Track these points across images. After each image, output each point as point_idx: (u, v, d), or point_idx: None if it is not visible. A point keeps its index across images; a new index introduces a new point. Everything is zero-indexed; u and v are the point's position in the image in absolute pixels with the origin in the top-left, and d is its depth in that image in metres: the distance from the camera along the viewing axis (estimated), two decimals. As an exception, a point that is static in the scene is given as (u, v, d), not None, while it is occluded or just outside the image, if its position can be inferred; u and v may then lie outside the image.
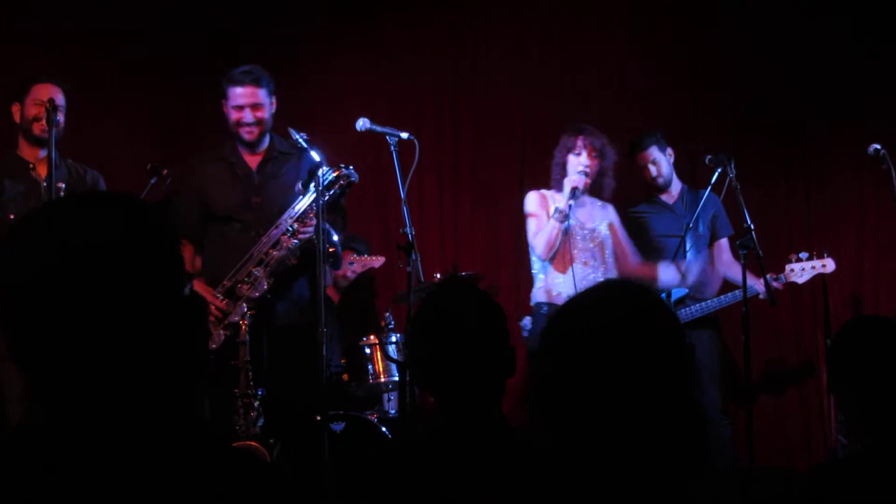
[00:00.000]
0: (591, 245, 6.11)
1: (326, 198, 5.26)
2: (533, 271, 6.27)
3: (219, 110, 5.78)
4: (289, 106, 6.01)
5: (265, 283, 5.42)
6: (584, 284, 5.84)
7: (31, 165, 5.51)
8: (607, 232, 6.21)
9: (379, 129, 5.53)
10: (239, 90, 5.64)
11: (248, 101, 5.63)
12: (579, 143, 6.11)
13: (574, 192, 5.99)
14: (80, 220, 1.55)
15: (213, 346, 5.33)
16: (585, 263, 6.05)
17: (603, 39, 8.02)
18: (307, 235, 5.32)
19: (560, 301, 5.76)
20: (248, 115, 5.62)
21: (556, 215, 6.01)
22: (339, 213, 5.66)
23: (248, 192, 5.61)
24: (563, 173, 6.15)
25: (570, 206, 5.99)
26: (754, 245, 5.81)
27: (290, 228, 5.39)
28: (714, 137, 7.34)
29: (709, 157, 6.14)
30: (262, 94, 5.65)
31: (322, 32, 8.19)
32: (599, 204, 6.29)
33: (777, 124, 7.85)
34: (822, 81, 7.75)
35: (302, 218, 5.38)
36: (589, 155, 6.09)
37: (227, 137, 5.78)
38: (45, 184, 5.29)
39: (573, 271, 5.99)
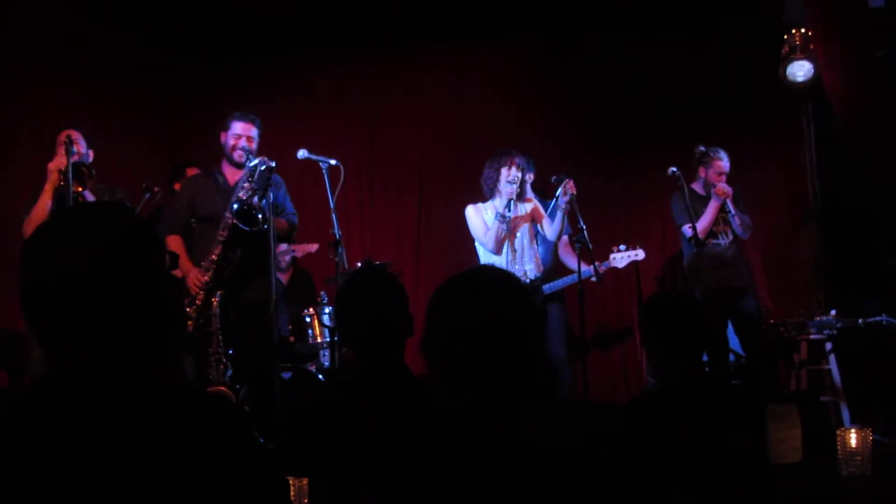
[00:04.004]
0: (517, 236, 6.06)
1: (256, 176, 5.27)
2: (479, 254, 6.16)
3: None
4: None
5: (216, 255, 5.33)
6: (512, 266, 5.89)
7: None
8: (526, 226, 6.08)
9: (314, 157, 5.49)
10: (241, 124, 5.57)
11: (245, 133, 5.56)
12: (509, 161, 5.98)
13: (510, 202, 5.96)
14: (84, 225, 1.52)
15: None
16: (514, 250, 6.03)
17: (483, 91, 8.05)
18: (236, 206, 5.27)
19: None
20: (243, 143, 5.55)
21: (500, 219, 5.93)
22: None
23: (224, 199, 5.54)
24: (495, 184, 6.02)
25: (508, 212, 5.95)
26: (586, 240, 5.84)
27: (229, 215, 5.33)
28: (559, 162, 7.39)
29: (554, 177, 6.13)
30: (255, 131, 5.59)
31: (267, 81, 8.15)
32: (521, 204, 6.14)
33: (605, 151, 7.93)
34: (637, 120, 7.86)
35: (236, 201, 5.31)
36: (516, 169, 6.03)
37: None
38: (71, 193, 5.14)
39: (505, 255, 5.99)
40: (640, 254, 6.29)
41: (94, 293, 1.45)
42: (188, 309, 5.23)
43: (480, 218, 6.10)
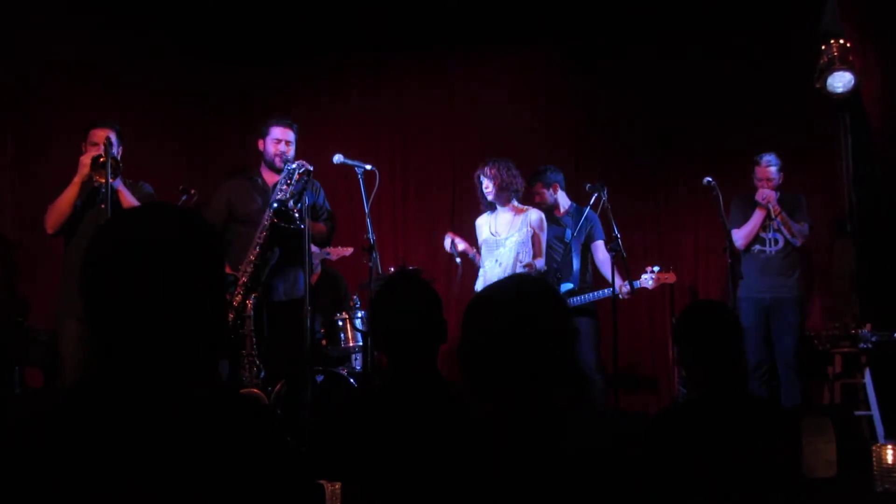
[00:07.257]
0: (501, 250, 6.01)
1: (295, 178, 5.31)
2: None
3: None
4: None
5: (254, 256, 5.36)
6: (488, 279, 5.83)
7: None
8: (516, 237, 5.95)
9: (350, 162, 5.50)
10: (279, 129, 5.62)
11: (284, 138, 5.62)
12: (479, 171, 6.07)
13: (452, 242, 6.20)
14: (149, 222, 1.54)
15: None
16: (497, 265, 5.99)
17: (515, 100, 8.04)
18: (273, 207, 5.29)
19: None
20: (282, 147, 5.59)
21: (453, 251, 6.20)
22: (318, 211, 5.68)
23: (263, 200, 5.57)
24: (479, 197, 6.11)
25: (453, 249, 6.17)
26: (620, 248, 5.83)
27: (268, 215, 5.35)
28: (594, 170, 7.37)
29: (588, 184, 6.12)
30: (292, 135, 5.65)
31: (306, 89, 8.19)
32: (514, 214, 6.03)
33: (637, 162, 7.89)
34: (671, 130, 7.81)
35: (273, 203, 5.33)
36: (483, 177, 6.03)
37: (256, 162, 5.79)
38: (102, 189, 5.15)
39: (483, 270, 6.04)
40: (671, 277, 6.16)
41: (158, 290, 1.47)
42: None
43: (477, 232, 6.21)
